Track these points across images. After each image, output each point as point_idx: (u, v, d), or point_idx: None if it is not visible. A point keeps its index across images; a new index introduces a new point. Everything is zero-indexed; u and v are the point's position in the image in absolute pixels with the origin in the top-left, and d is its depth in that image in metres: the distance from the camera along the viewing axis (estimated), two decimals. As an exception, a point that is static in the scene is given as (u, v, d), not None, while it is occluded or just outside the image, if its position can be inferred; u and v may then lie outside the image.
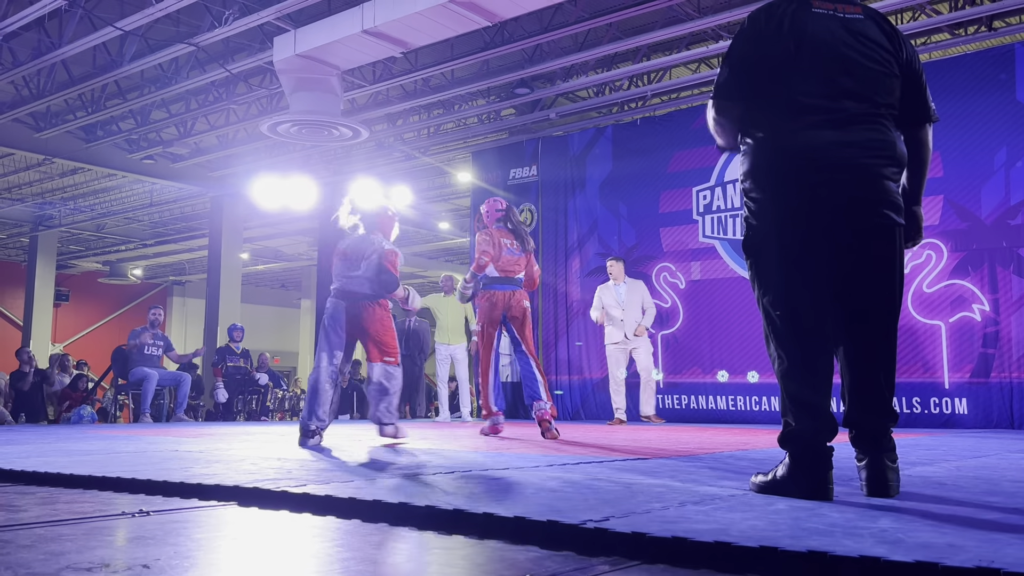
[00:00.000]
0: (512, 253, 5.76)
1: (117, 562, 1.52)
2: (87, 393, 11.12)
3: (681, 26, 8.36)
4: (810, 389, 2.31)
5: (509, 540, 1.74)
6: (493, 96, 10.90)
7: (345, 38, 7.82)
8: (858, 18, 2.41)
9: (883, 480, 2.29)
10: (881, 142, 2.35)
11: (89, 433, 6.28)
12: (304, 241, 18.90)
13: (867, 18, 2.43)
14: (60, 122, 11.54)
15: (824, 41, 2.36)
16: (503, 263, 5.71)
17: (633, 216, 10.01)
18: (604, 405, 9.99)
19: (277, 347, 22.77)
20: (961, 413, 7.64)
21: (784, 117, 2.36)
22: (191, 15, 8.79)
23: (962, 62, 8.05)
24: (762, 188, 2.40)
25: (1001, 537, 1.65)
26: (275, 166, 12.98)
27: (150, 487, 2.54)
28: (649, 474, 2.91)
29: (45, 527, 1.88)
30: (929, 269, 7.89)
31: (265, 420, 11.20)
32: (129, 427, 8.20)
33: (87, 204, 16.58)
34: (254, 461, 3.35)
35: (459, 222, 16.84)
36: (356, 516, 2.05)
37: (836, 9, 2.41)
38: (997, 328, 7.55)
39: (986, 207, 7.72)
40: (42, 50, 9.17)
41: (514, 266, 5.76)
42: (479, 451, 4.13)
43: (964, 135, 7.83)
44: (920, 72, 2.49)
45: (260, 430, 6.79)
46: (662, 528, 1.67)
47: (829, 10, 2.40)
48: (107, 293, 22.73)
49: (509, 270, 5.73)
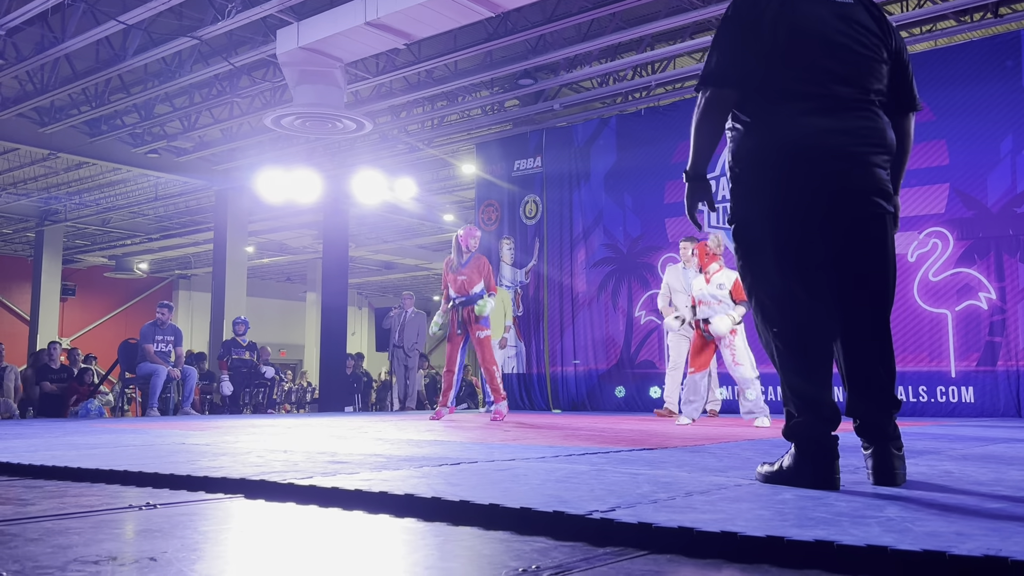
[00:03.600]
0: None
1: (124, 555, 1.52)
2: (94, 387, 11.16)
3: (685, 15, 8.33)
4: (809, 380, 2.30)
5: (515, 530, 1.74)
6: (497, 87, 10.88)
7: (348, 30, 7.80)
8: (848, 3, 2.38)
9: (890, 469, 2.28)
10: (872, 129, 2.33)
11: (97, 427, 6.31)
12: (309, 234, 18.90)
13: (856, 3, 2.40)
14: (64, 117, 11.55)
15: (813, 26, 2.33)
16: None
17: (638, 207, 9.99)
18: (610, 395, 10.00)
19: (283, 340, 22.84)
20: (967, 402, 7.62)
21: (774, 103, 2.33)
22: (194, 8, 8.78)
23: (968, 49, 8.01)
24: (751, 175, 2.36)
25: (1008, 526, 1.64)
26: (279, 159, 12.98)
27: (157, 480, 2.55)
28: (655, 464, 2.90)
29: (53, 520, 1.89)
30: (935, 258, 7.87)
31: (271, 413, 11.23)
32: (136, 420, 8.23)
33: (92, 199, 16.60)
34: (260, 454, 3.36)
35: (463, 214, 16.82)
36: (361, 508, 2.05)
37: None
38: (1003, 316, 7.53)
39: (992, 195, 7.68)
40: (45, 45, 9.17)
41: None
42: (485, 442, 4.13)
43: (970, 122, 7.79)
44: (907, 61, 2.47)
45: (266, 423, 6.81)
46: (669, 518, 1.67)
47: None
48: (113, 287, 22.79)
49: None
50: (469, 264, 7.05)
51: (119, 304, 23.01)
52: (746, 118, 2.38)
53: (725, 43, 2.39)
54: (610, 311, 10.11)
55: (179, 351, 9.91)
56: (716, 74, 2.37)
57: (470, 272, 7.01)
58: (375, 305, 26.49)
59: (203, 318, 19.65)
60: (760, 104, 2.36)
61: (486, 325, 7.00)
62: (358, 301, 26.36)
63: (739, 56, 2.36)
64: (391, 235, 19.45)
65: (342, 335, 14.21)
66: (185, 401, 9.86)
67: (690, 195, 2.47)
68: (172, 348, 9.79)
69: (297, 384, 19.21)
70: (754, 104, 2.37)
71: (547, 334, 10.52)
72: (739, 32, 2.38)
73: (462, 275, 7.03)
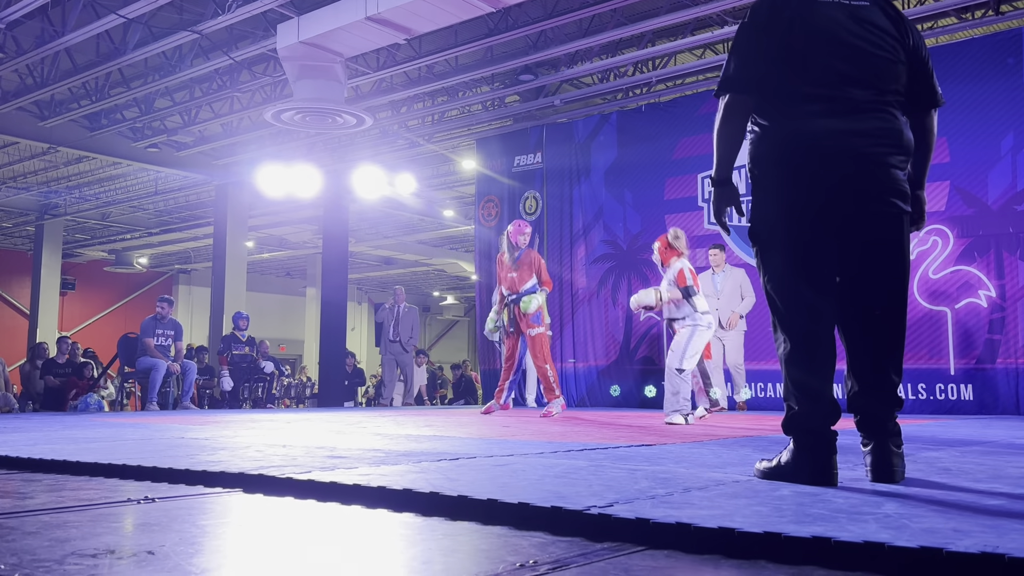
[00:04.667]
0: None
1: (122, 548, 1.52)
2: (94, 381, 11.16)
3: (686, 11, 8.31)
4: (812, 375, 2.32)
5: (514, 526, 1.74)
6: (497, 83, 10.86)
7: (349, 24, 7.79)
8: (864, 5, 2.40)
9: (888, 465, 2.29)
10: (887, 130, 2.34)
11: (96, 421, 6.31)
12: (309, 229, 18.89)
13: (873, 4, 2.41)
14: (64, 110, 11.54)
15: (828, 29, 2.35)
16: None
17: (638, 203, 9.99)
18: (609, 392, 10.00)
19: (282, 335, 22.82)
20: (967, 399, 7.63)
21: (790, 106, 2.36)
22: (194, 3, 8.77)
23: (969, 46, 7.99)
24: (767, 176, 2.40)
25: (1005, 523, 1.64)
26: (279, 154, 12.97)
27: (156, 474, 2.55)
28: (653, 460, 2.91)
29: (51, 514, 1.89)
30: (935, 255, 7.86)
31: (271, 408, 11.24)
32: (135, 415, 8.24)
33: (92, 193, 16.59)
34: (259, 448, 3.36)
35: (463, 210, 16.81)
36: (359, 502, 2.05)
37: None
38: (1003, 314, 7.53)
39: (993, 193, 7.68)
40: (46, 38, 9.15)
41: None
42: (483, 438, 4.14)
43: (971, 120, 7.78)
44: (926, 58, 2.47)
45: (266, 417, 6.81)
46: (666, 514, 1.67)
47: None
48: (113, 281, 22.78)
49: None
50: (520, 260, 6.96)
51: (119, 298, 23.01)
52: (764, 121, 2.41)
53: (742, 49, 2.43)
54: (609, 307, 10.11)
55: (179, 346, 9.91)
56: (734, 79, 2.42)
57: (521, 269, 6.94)
58: (375, 300, 26.51)
59: (203, 313, 19.65)
60: (777, 108, 2.38)
61: (536, 322, 6.87)
62: (358, 296, 26.36)
63: (756, 61, 2.39)
64: (391, 230, 19.44)
65: (342, 330, 14.21)
66: (184, 395, 9.86)
67: (716, 200, 2.51)
68: (172, 343, 9.79)
69: (296, 379, 19.22)
70: (771, 108, 2.40)
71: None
72: (755, 37, 2.41)
73: (512, 272, 6.97)
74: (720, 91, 2.45)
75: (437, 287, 27.33)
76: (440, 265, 22.84)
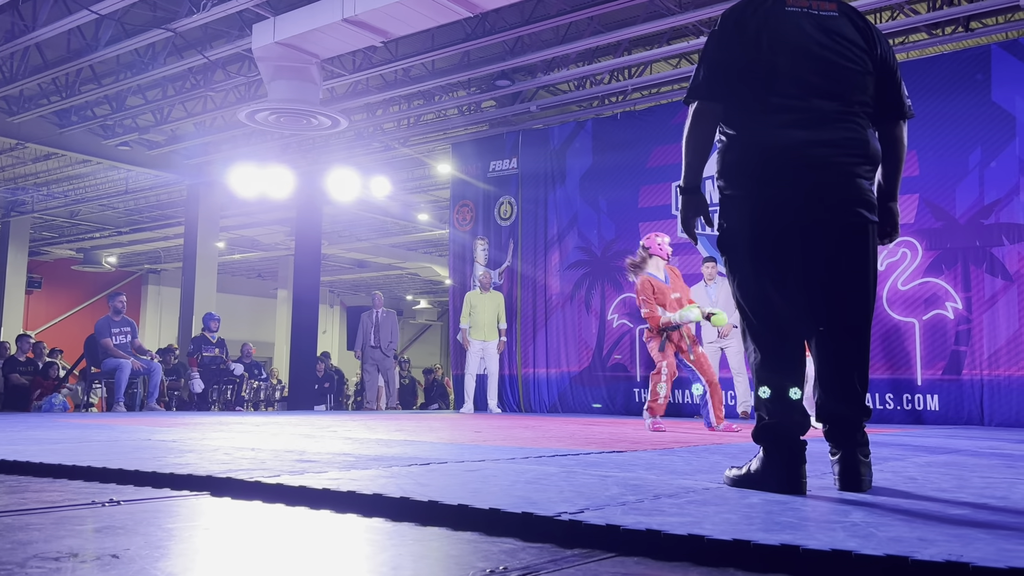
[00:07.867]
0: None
1: (86, 552, 1.50)
2: (59, 381, 10.99)
3: (662, 21, 8.37)
4: (781, 383, 2.34)
5: (484, 532, 1.74)
6: (474, 88, 10.86)
7: (325, 26, 7.76)
8: (832, 15, 2.41)
9: (856, 475, 2.31)
10: (853, 140, 2.36)
11: (61, 421, 6.21)
12: (281, 231, 18.75)
13: (841, 15, 2.43)
14: (33, 106, 11.36)
15: (796, 40, 2.36)
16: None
17: (613, 210, 10.03)
18: (581, 399, 10.02)
19: (253, 337, 22.59)
20: (932, 409, 7.73)
21: (756, 116, 2.37)
22: (168, 0, 8.68)
23: (939, 62, 8.12)
24: (734, 186, 2.41)
25: (970, 532, 1.66)
26: (253, 154, 12.87)
27: (121, 476, 2.51)
28: (624, 467, 2.91)
29: (12, 516, 1.86)
30: (904, 267, 7.97)
31: (240, 410, 11.13)
32: (102, 416, 8.12)
33: (61, 190, 16.34)
34: (228, 451, 3.33)
35: (438, 214, 16.77)
36: (328, 507, 2.03)
37: (810, 7, 2.40)
38: (969, 326, 7.64)
39: (960, 206, 7.80)
40: (15, 33, 9.02)
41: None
42: (455, 443, 4.12)
43: (940, 134, 7.91)
44: (895, 68, 2.49)
45: (235, 420, 6.75)
46: (636, 521, 1.68)
47: (803, 7, 2.39)
48: (81, 280, 22.46)
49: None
50: (669, 279, 6.17)
51: (86, 297, 22.68)
52: (731, 131, 2.43)
53: (711, 57, 2.44)
54: (583, 314, 10.14)
55: (136, 342, 9.79)
56: (702, 87, 2.43)
57: (674, 284, 6.17)
58: (347, 303, 26.36)
59: (172, 313, 19.43)
60: (744, 117, 2.40)
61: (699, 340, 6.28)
62: (330, 299, 26.19)
63: (724, 70, 2.40)
64: (365, 233, 19.35)
65: (313, 333, 14.12)
66: (150, 397, 9.73)
67: (684, 209, 2.51)
68: (129, 339, 9.66)
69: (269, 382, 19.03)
70: (738, 117, 2.41)
71: (520, 336, 10.53)
72: (724, 46, 2.42)
73: (675, 292, 6.09)
74: (689, 98, 2.47)
75: (411, 291, 27.23)
76: (414, 269, 22.76)
